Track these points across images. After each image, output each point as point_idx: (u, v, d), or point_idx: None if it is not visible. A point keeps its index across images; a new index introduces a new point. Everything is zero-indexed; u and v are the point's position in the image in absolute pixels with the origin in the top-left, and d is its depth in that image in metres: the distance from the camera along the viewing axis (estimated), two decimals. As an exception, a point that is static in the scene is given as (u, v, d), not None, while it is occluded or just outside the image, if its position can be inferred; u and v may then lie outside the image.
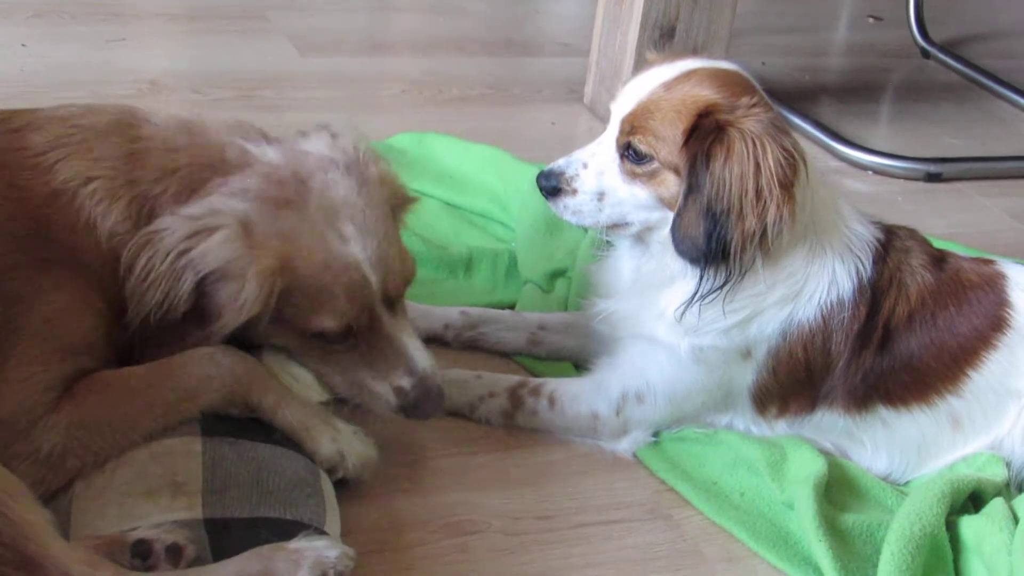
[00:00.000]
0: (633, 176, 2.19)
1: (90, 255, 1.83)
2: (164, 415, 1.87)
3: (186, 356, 1.88)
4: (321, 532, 1.80)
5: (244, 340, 1.93)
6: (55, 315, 1.79)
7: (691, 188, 2.10)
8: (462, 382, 2.31)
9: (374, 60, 4.09)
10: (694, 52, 3.52)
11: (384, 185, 2.00)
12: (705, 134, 2.09)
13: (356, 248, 1.88)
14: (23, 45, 3.74)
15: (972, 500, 2.18)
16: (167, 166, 1.88)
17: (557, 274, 2.74)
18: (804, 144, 3.70)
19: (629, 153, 2.18)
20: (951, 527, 2.08)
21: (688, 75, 2.18)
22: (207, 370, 1.90)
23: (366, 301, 1.90)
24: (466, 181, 3.14)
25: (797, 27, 5.07)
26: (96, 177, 1.84)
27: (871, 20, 5.23)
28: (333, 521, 1.88)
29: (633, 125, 2.18)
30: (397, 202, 2.07)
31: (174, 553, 1.68)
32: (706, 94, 2.13)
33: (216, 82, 3.66)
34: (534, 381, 2.33)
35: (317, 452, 1.96)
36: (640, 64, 3.45)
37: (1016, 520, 2.07)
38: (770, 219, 2.05)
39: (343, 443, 1.98)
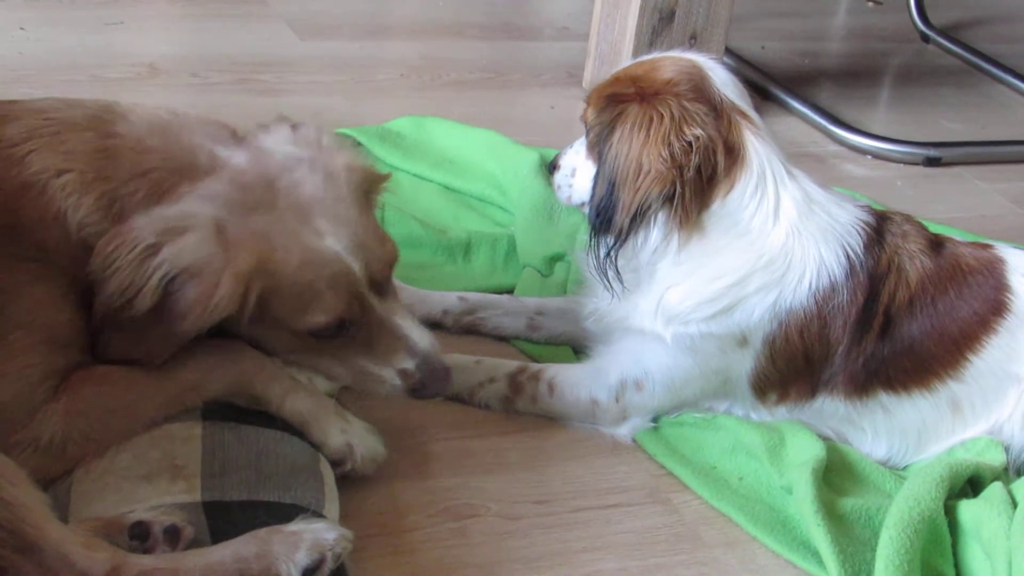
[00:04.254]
0: (588, 150, 2.24)
1: (58, 248, 1.79)
2: (166, 405, 1.86)
3: (189, 349, 1.87)
4: (319, 515, 1.80)
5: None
6: (37, 306, 1.76)
7: (600, 156, 2.16)
8: (461, 367, 2.30)
9: (373, 44, 4.08)
10: (692, 37, 3.54)
11: (352, 173, 1.95)
12: (614, 104, 2.14)
13: (332, 240, 1.84)
14: (21, 28, 3.73)
15: (971, 484, 2.18)
16: (138, 167, 1.84)
17: (556, 258, 2.74)
18: (803, 128, 3.78)
19: (586, 127, 2.25)
20: (949, 511, 2.08)
21: (652, 59, 2.23)
22: (210, 362, 1.89)
23: (353, 290, 1.87)
24: (465, 165, 3.14)
25: (797, 11, 5.07)
26: (68, 170, 1.80)
27: (870, 4, 5.22)
28: (332, 505, 1.88)
29: (587, 99, 2.26)
30: (368, 186, 2.01)
31: (172, 535, 1.68)
32: (638, 72, 2.16)
33: (214, 66, 3.66)
34: (533, 367, 2.33)
35: (326, 443, 1.95)
36: (640, 49, 3.49)
37: (1015, 504, 2.07)
38: (641, 195, 2.08)
39: (353, 436, 1.98)
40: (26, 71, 3.43)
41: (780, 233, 2.16)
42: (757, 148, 2.16)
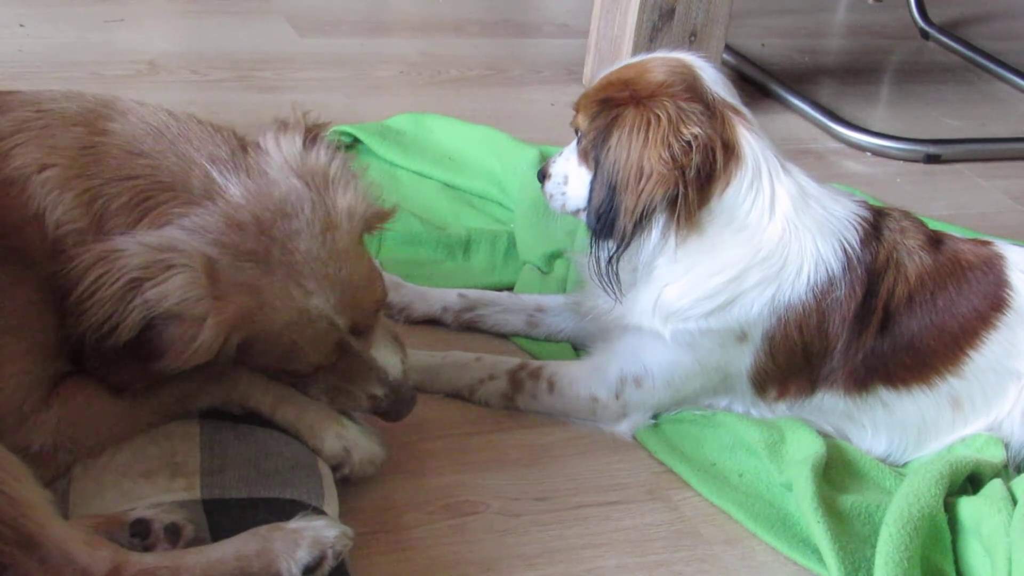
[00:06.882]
0: (580, 157, 2.23)
1: (36, 249, 1.70)
2: (158, 414, 1.86)
3: None
4: (320, 512, 1.80)
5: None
6: (23, 311, 1.70)
7: (597, 161, 2.15)
8: (461, 365, 2.31)
9: (373, 41, 4.08)
10: (692, 34, 3.54)
11: (352, 219, 1.85)
12: (609, 109, 2.14)
13: (320, 300, 1.79)
14: (21, 25, 3.73)
15: (970, 481, 2.18)
16: (124, 170, 1.75)
17: (556, 256, 2.74)
18: (803, 125, 3.78)
19: (577, 134, 2.24)
20: (949, 508, 2.08)
21: (641, 61, 2.23)
22: (202, 374, 1.84)
23: (335, 342, 1.86)
24: (465, 162, 3.14)
25: (796, 8, 5.06)
26: (50, 165, 1.72)
27: (871, 1, 5.22)
28: (332, 502, 1.88)
29: (576, 105, 2.25)
30: (369, 226, 1.94)
31: (173, 533, 1.68)
32: (629, 75, 2.16)
33: (214, 63, 3.66)
34: (533, 364, 2.33)
35: (321, 449, 1.95)
36: (639, 45, 3.49)
37: (1014, 501, 2.07)
38: (644, 198, 2.08)
39: (349, 440, 1.97)
40: (25, 68, 3.43)
41: (776, 227, 2.16)
42: (751, 143, 2.16)
